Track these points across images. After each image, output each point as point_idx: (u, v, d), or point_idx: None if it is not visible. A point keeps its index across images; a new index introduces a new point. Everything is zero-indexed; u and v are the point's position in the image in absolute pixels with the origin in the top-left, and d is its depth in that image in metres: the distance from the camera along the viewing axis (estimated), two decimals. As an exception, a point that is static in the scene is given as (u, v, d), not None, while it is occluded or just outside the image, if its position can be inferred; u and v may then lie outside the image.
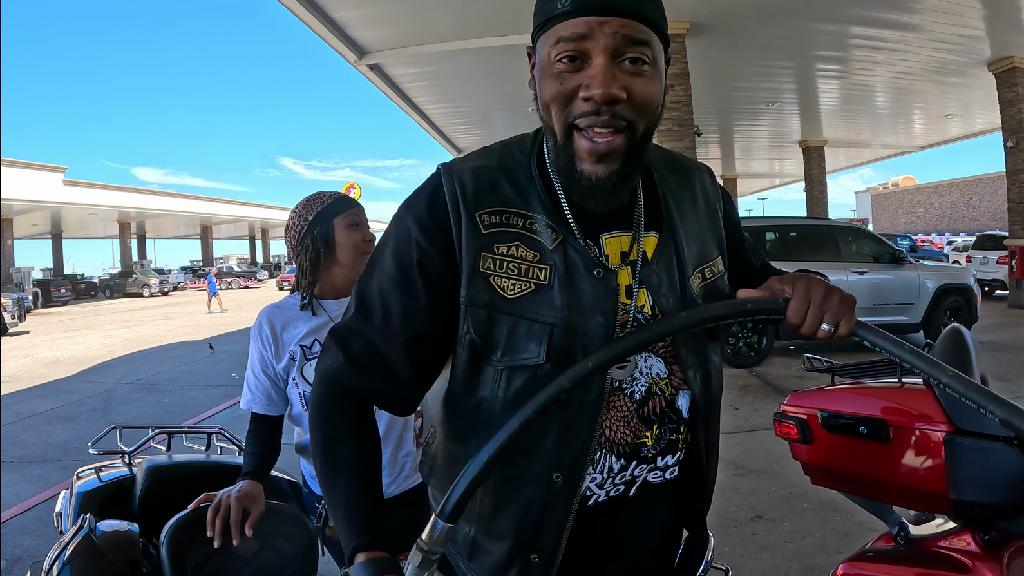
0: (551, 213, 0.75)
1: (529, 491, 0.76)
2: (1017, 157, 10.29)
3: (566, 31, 0.69)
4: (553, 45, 0.70)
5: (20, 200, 22.12)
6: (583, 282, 0.74)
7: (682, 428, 0.80)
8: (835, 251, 7.50)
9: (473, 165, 0.77)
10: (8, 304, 13.76)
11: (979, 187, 37.82)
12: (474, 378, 0.76)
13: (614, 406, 0.76)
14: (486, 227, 0.74)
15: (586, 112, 0.69)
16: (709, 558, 0.87)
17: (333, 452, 0.73)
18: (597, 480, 0.77)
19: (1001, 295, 11.97)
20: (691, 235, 0.82)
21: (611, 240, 0.77)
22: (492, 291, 0.73)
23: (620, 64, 0.69)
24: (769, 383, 6.10)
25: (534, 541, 0.77)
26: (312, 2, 7.43)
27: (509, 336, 0.73)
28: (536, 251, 0.74)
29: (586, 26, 0.68)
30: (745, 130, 15.65)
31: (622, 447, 0.77)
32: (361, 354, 0.76)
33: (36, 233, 35.77)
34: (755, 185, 28.80)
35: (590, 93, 0.68)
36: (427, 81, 10.88)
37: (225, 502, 1.22)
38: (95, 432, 1.91)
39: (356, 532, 0.67)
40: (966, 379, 0.60)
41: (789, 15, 8.12)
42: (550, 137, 0.75)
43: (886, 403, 1.13)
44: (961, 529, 1.07)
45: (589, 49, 0.68)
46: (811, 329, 0.67)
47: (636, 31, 0.69)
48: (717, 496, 0.90)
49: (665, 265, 0.79)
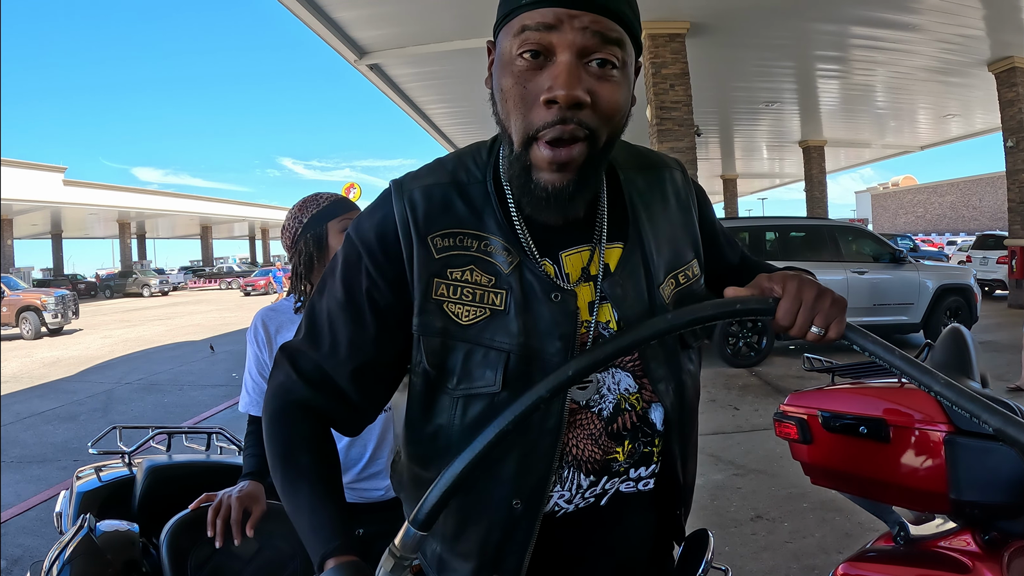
0: (507, 234, 0.71)
1: (490, 516, 0.74)
2: (1017, 157, 10.29)
3: (532, 20, 0.63)
4: (516, 35, 0.64)
5: (20, 200, 22.14)
6: (540, 306, 0.70)
7: (657, 441, 0.77)
8: (835, 251, 7.51)
9: (424, 183, 0.73)
10: (50, 303, 13.23)
11: (979, 187, 37.82)
12: (430, 406, 0.74)
13: (580, 424, 0.73)
14: (439, 251, 0.70)
15: (549, 123, 0.64)
16: (709, 558, 0.87)
17: (292, 462, 0.71)
18: (565, 496, 0.75)
19: (1001, 295, 11.97)
20: (662, 238, 0.78)
21: (571, 257, 0.74)
22: (446, 318, 0.70)
23: (587, 65, 0.64)
24: (769, 383, 6.10)
25: (497, 563, 0.75)
26: (312, 2, 7.43)
27: (464, 363, 0.70)
28: (491, 275, 0.70)
29: (554, 16, 0.63)
30: (745, 130, 15.66)
31: (590, 464, 0.74)
32: (310, 372, 0.74)
33: (36, 233, 35.78)
34: (755, 185, 28.81)
35: (553, 94, 0.63)
36: (427, 81, 10.88)
37: (226, 502, 1.22)
38: (95, 432, 1.91)
39: (324, 538, 0.65)
40: (958, 387, 0.59)
41: (789, 15, 8.12)
42: (506, 144, 0.70)
43: (886, 403, 1.13)
44: (961, 529, 1.07)
45: (555, 44, 0.63)
46: (801, 331, 0.65)
47: (608, 28, 0.64)
48: (717, 496, 0.90)
49: (630, 275, 0.75)
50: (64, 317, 13.61)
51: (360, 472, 1.36)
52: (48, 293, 13.84)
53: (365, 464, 1.36)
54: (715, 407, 5.26)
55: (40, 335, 13.17)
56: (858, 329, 0.64)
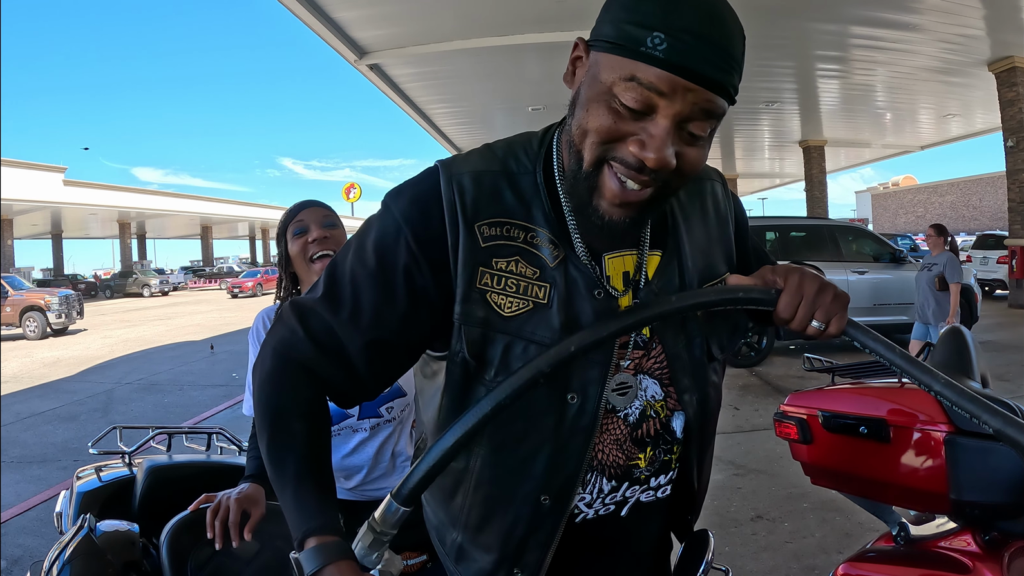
0: (554, 227, 0.70)
1: (516, 511, 0.74)
2: (1017, 157, 10.29)
3: (646, 76, 0.60)
4: (622, 79, 0.61)
5: (20, 200, 22.13)
6: (583, 302, 0.70)
7: (676, 448, 0.78)
8: (835, 251, 7.51)
9: (475, 168, 0.71)
10: (54, 303, 13.16)
11: (979, 187, 37.81)
12: (466, 396, 0.72)
13: (607, 429, 0.74)
14: (485, 240, 0.69)
15: (627, 162, 0.63)
16: (709, 558, 0.87)
17: (284, 428, 0.69)
18: (586, 500, 0.76)
19: (1001, 295, 11.96)
20: (697, 249, 0.77)
21: (614, 260, 0.73)
22: (488, 308, 0.69)
23: (681, 130, 0.63)
24: (769, 383, 6.10)
25: (518, 557, 0.75)
26: (312, 2, 7.43)
27: (504, 356, 0.69)
28: (536, 267, 0.69)
29: (670, 85, 0.60)
30: (745, 130, 15.66)
31: (613, 469, 0.75)
32: (321, 334, 0.70)
33: (36, 233, 35.78)
34: (755, 185, 28.81)
35: (643, 155, 0.62)
36: (427, 81, 10.88)
37: (225, 503, 1.21)
38: (95, 432, 1.91)
39: (307, 515, 0.64)
40: (959, 387, 0.58)
41: (789, 15, 8.13)
42: (572, 159, 0.68)
43: (886, 403, 1.13)
44: (961, 529, 1.07)
45: (659, 107, 0.61)
46: (801, 325, 0.65)
47: (716, 107, 0.62)
48: (717, 496, 0.90)
49: (667, 284, 0.74)
50: (68, 317, 13.58)
51: (363, 479, 1.36)
52: (52, 293, 13.82)
53: (367, 472, 1.36)
54: (715, 407, 5.26)
55: (46, 335, 13.15)
56: (859, 325, 0.64)
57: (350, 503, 1.36)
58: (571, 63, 0.69)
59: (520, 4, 7.64)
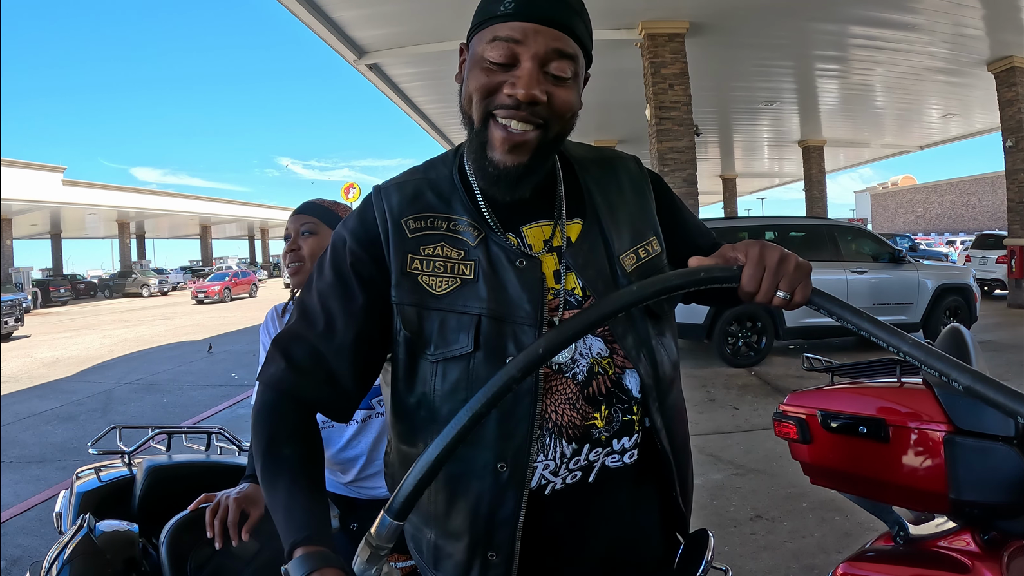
0: (472, 214, 0.80)
1: (477, 485, 0.76)
2: (1016, 157, 10.30)
3: (503, 32, 0.74)
4: (488, 43, 0.75)
5: (19, 200, 22.12)
6: (507, 273, 0.77)
7: (635, 408, 0.80)
8: (834, 251, 7.50)
9: (399, 180, 0.84)
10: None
11: (978, 187, 37.84)
12: (412, 375, 0.79)
13: (556, 389, 0.77)
14: (412, 232, 0.79)
15: (506, 105, 0.74)
16: (709, 558, 0.87)
17: (275, 453, 0.75)
18: (551, 467, 0.77)
19: (1001, 295, 11.97)
20: (620, 219, 0.84)
21: (532, 230, 0.81)
22: (421, 290, 0.77)
23: (545, 72, 0.74)
24: (768, 383, 6.10)
25: (489, 538, 0.76)
26: (311, 1, 7.43)
27: (440, 330, 0.77)
28: (461, 249, 0.78)
29: (522, 31, 0.73)
30: (745, 130, 15.66)
31: (570, 430, 0.77)
32: (303, 359, 0.79)
33: (35, 233, 35.75)
34: (755, 185, 28.82)
35: (514, 91, 0.73)
36: (426, 81, 10.87)
37: (224, 503, 1.22)
38: (95, 432, 1.91)
39: (295, 528, 0.68)
40: (927, 347, 0.59)
41: (789, 15, 8.12)
42: (467, 126, 0.79)
43: (886, 403, 1.14)
44: (961, 529, 1.07)
45: (520, 53, 0.73)
46: (766, 297, 0.66)
47: (566, 45, 0.74)
48: (717, 496, 0.90)
49: (591, 247, 0.81)
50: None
51: (359, 472, 1.38)
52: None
53: (363, 465, 1.38)
54: (714, 407, 5.26)
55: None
56: (823, 293, 0.65)
57: (347, 499, 1.38)
58: (459, 66, 0.82)
59: (520, 4, 7.62)
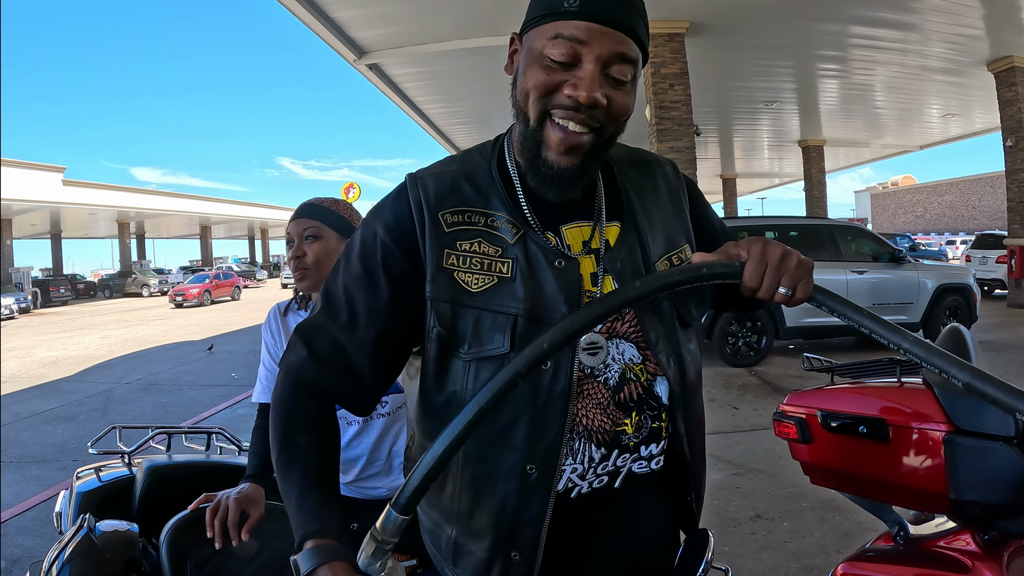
0: (511, 210, 0.78)
1: (504, 486, 0.75)
2: (1016, 156, 10.29)
3: (567, 30, 0.71)
4: (550, 39, 0.72)
5: (19, 200, 22.11)
6: (545, 273, 0.76)
7: (664, 415, 0.80)
8: (834, 251, 7.50)
9: (436, 171, 0.81)
10: None
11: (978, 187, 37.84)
12: (443, 372, 0.78)
13: (588, 393, 0.76)
14: (448, 226, 0.77)
15: (565, 105, 0.72)
16: (709, 558, 0.87)
17: (290, 442, 0.74)
18: (578, 471, 0.76)
19: (1000, 295, 11.97)
20: (655, 224, 0.83)
21: (571, 231, 0.80)
22: (456, 286, 0.75)
23: (605, 74, 0.73)
24: (768, 383, 6.10)
25: (513, 538, 0.76)
26: (311, 2, 7.42)
27: (475, 329, 0.75)
28: (498, 246, 0.77)
29: (587, 32, 0.71)
30: (745, 130, 15.66)
31: (600, 435, 0.76)
32: (324, 350, 0.78)
33: (35, 233, 35.74)
34: (755, 185, 28.81)
35: (576, 93, 0.71)
36: (426, 81, 10.87)
37: (224, 503, 1.22)
38: (95, 432, 1.91)
39: (306, 520, 0.68)
40: (927, 344, 0.58)
41: (789, 15, 8.12)
42: (520, 123, 0.77)
43: (885, 403, 1.13)
44: (961, 529, 1.07)
45: (583, 54, 0.71)
46: (768, 292, 0.66)
47: (629, 49, 0.73)
48: (717, 496, 0.90)
49: (628, 252, 0.80)
50: None
51: (360, 473, 1.38)
52: None
53: (363, 466, 1.37)
54: (715, 407, 5.26)
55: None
56: (825, 290, 0.65)
57: (348, 500, 1.37)
58: (509, 57, 0.80)
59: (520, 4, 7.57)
